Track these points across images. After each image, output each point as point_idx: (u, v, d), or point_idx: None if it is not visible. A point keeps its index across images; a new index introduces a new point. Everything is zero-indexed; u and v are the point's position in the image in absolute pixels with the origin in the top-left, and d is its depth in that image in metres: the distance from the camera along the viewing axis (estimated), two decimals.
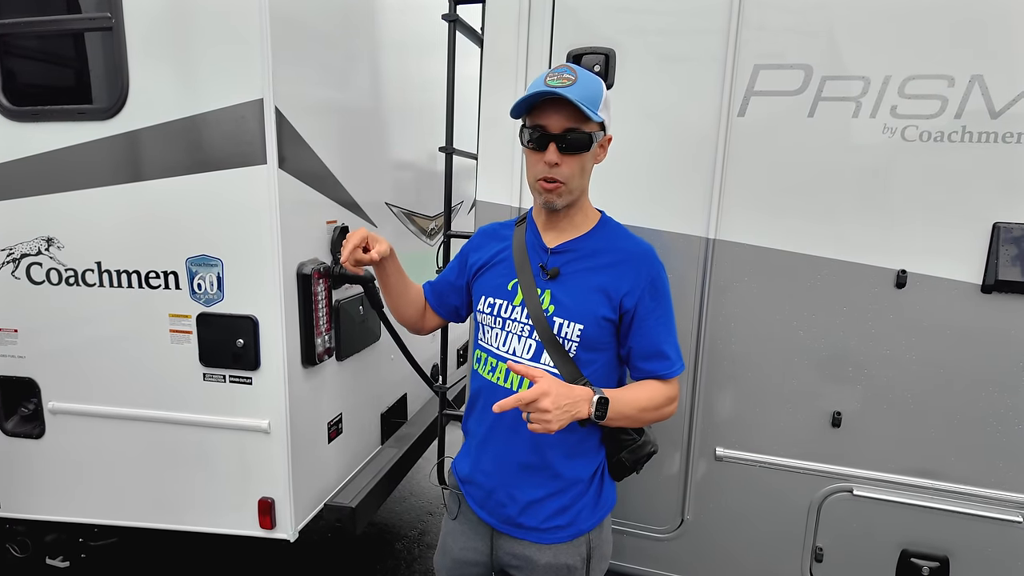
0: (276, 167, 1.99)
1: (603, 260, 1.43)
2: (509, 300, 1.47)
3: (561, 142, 1.34)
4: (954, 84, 1.65)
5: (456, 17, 2.30)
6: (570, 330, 1.40)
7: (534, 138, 1.36)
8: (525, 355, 1.45)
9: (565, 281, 1.43)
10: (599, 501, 1.53)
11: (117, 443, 2.27)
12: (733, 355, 1.90)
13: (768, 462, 1.91)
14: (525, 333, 1.44)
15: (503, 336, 1.48)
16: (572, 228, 1.48)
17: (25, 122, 2.11)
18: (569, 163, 1.35)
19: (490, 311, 1.50)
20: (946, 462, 1.79)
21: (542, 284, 1.44)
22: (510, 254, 1.51)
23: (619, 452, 1.52)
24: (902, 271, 1.74)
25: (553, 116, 1.33)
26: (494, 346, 1.50)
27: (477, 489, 1.55)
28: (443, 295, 1.70)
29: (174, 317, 2.13)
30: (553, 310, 1.41)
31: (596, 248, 1.45)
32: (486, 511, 1.54)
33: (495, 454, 1.51)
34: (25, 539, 2.58)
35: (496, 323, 1.49)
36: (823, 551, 1.91)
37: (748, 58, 1.77)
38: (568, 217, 1.47)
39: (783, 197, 1.80)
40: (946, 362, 1.75)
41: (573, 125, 1.33)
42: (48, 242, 2.17)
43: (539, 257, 1.47)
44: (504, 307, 1.48)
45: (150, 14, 1.98)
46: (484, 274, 1.56)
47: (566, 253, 1.46)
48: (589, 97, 1.31)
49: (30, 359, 2.27)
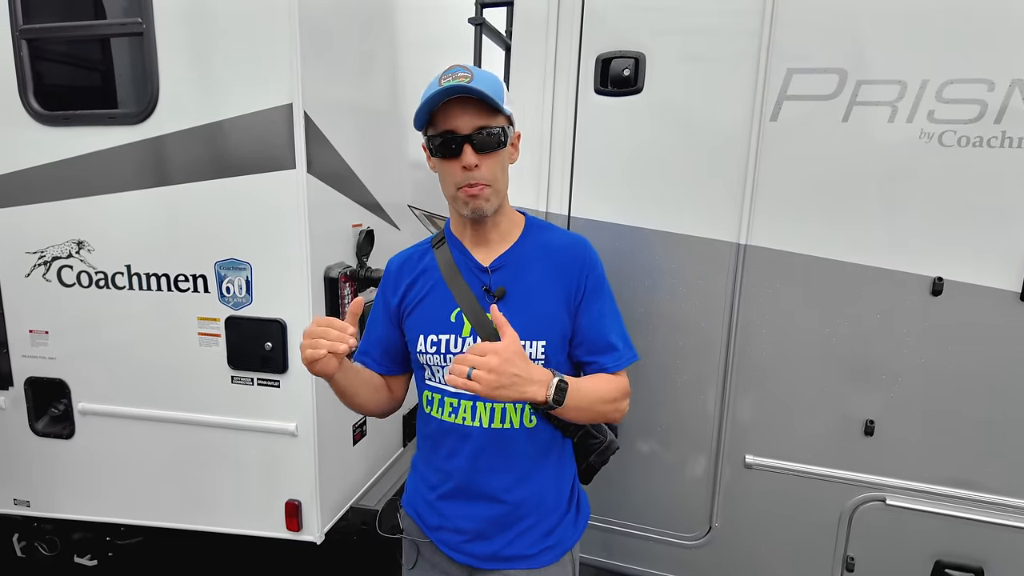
0: (305, 171, 1.99)
1: (544, 266, 1.35)
2: (456, 332, 1.34)
3: (474, 141, 1.24)
4: (994, 88, 1.62)
5: (483, 20, 2.30)
6: (533, 350, 1.30)
7: (443, 144, 1.25)
8: None
9: (513, 299, 1.32)
10: (578, 516, 1.49)
11: (145, 444, 2.29)
12: (763, 362, 1.88)
13: (799, 470, 1.89)
14: None
15: None
16: (501, 239, 1.37)
17: (56, 126, 2.13)
18: (488, 163, 1.26)
19: (436, 349, 1.34)
20: (982, 472, 1.76)
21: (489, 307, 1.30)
22: (440, 281, 1.36)
23: (588, 457, 1.48)
24: (938, 278, 1.71)
25: (461, 116, 1.23)
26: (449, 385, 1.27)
27: (454, 534, 1.42)
28: (391, 352, 1.47)
29: (203, 320, 2.14)
30: None
31: (532, 255, 1.36)
32: (463, 553, 1.42)
33: (476, 497, 1.38)
34: (54, 537, 2.61)
35: (446, 360, 1.34)
36: (854, 560, 1.89)
37: (781, 62, 1.75)
38: (496, 227, 1.36)
39: (816, 202, 1.78)
40: (983, 371, 1.72)
41: (483, 123, 1.24)
42: (79, 245, 2.19)
43: (477, 278, 1.35)
44: (453, 342, 1.34)
45: (180, 19, 1.99)
46: (415, 310, 1.39)
47: (504, 268, 1.35)
48: (492, 89, 1.22)
49: (61, 360, 2.30)
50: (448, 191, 1.31)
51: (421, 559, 1.50)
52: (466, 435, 1.35)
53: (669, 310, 1.93)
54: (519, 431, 1.35)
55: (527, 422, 1.36)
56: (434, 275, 1.38)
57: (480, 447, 1.35)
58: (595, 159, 1.94)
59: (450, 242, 1.41)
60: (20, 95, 2.11)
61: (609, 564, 2.13)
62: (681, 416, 1.98)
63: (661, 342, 1.96)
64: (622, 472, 2.04)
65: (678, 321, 1.92)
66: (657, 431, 2.01)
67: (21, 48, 2.09)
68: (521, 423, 1.35)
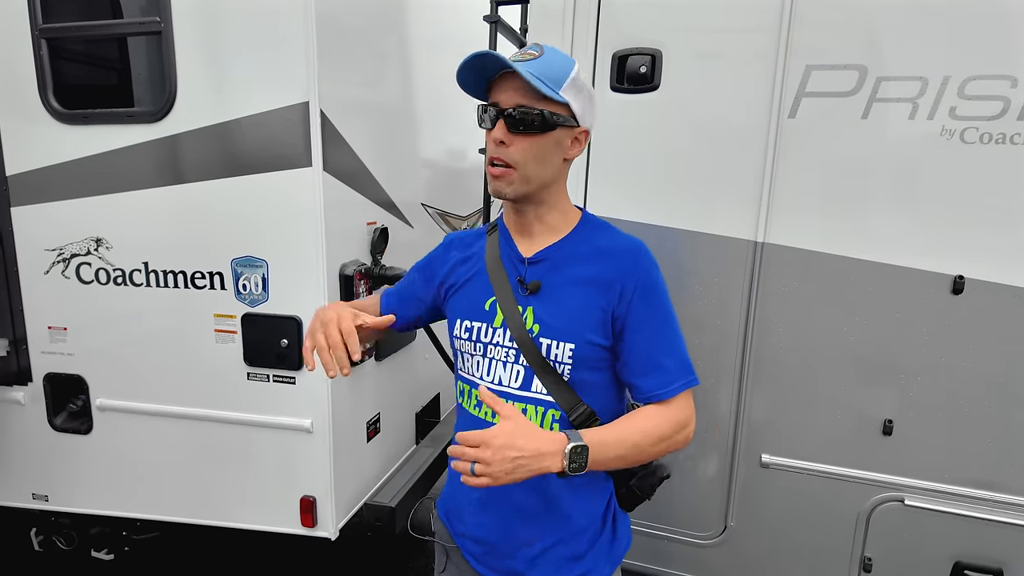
0: (321, 170, 2.00)
1: (586, 266, 1.24)
2: (488, 322, 1.28)
3: (509, 118, 1.17)
4: (1017, 84, 1.60)
5: (498, 19, 2.30)
6: (560, 351, 1.21)
7: (485, 115, 1.22)
8: (513, 383, 1.25)
9: (547, 295, 1.24)
10: (614, 542, 1.35)
11: (162, 440, 2.31)
12: (780, 361, 1.87)
13: (816, 470, 1.88)
14: (511, 358, 1.25)
15: (486, 364, 1.28)
16: (548, 232, 1.28)
17: (75, 125, 2.14)
18: (520, 145, 1.18)
19: (468, 336, 1.30)
20: (1002, 473, 1.75)
21: (523, 300, 1.25)
22: (483, 268, 1.32)
23: (628, 481, 1.34)
24: (959, 277, 1.69)
25: (507, 91, 1.18)
26: (477, 376, 1.30)
27: (475, 544, 1.36)
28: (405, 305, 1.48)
29: (219, 317, 2.16)
30: (538, 330, 1.22)
31: (577, 253, 1.26)
32: (485, 566, 1.35)
33: (491, 502, 1.30)
34: (71, 532, 2.64)
35: (477, 349, 1.29)
36: (872, 561, 1.87)
37: (800, 58, 1.74)
38: (540, 219, 1.28)
39: (835, 200, 1.77)
40: (1004, 370, 1.70)
41: (525, 103, 1.17)
42: (97, 242, 2.21)
43: (515, 269, 1.29)
44: (484, 330, 1.28)
45: (198, 18, 2.00)
46: (456, 293, 1.36)
47: (544, 262, 1.27)
48: (549, 74, 1.15)
49: (79, 357, 2.32)
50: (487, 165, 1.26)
51: (450, 564, 1.44)
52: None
53: (685, 308, 1.92)
54: None
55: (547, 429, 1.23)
56: (479, 261, 1.34)
57: None
58: (611, 156, 1.93)
59: (500, 230, 1.36)
60: (40, 94, 2.13)
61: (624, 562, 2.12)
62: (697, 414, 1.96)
63: None
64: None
65: (694, 319, 1.91)
66: None
67: (41, 47, 2.11)
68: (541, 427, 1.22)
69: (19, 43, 2.11)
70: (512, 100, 1.17)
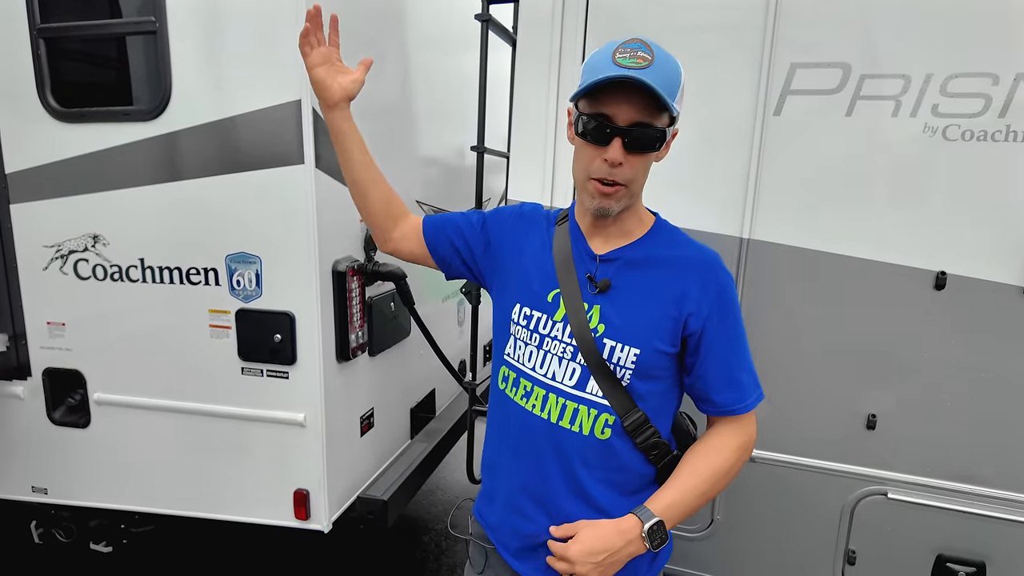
0: (313, 167, 2.03)
1: (662, 272, 1.20)
2: (550, 314, 1.23)
3: (628, 138, 1.08)
4: (998, 82, 1.62)
5: (489, 17, 2.31)
6: (624, 355, 1.17)
7: (594, 128, 1.10)
8: (567, 381, 1.21)
9: (617, 296, 1.20)
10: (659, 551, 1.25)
11: (158, 434, 2.34)
12: (765, 356, 1.88)
13: (800, 463, 1.90)
14: (568, 355, 1.21)
15: (540, 356, 1.24)
16: (622, 234, 1.24)
17: (72, 123, 2.18)
18: (633, 163, 1.12)
19: (527, 324, 1.25)
20: (984, 466, 1.77)
21: (590, 298, 1.20)
22: (550, 257, 1.27)
23: None
24: (941, 272, 1.71)
25: (622, 105, 1.07)
26: (528, 366, 1.26)
27: (515, 537, 1.30)
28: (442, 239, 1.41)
29: (214, 312, 2.19)
30: (603, 330, 1.18)
31: (652, 257, 1.22)
32: (529, 564, 1.28)
33: (537, 494, 1.25)
34: (70, 524, 2.68)
35: (532, 339, 1.25)
36: (856, 554, 1.89)
37: (785, 56, 1.76)
38: (619, 222, 1.23)
39: (819, 197, 1.79)
40: (985, 365, 1.72)
41: (644, 119, 1.08)
42: (94, 239, 2.24)
43: (585, 265, 1.23)
44: (543, 322, 1.24)
45: (192, 17, 2.03)
46: (516, 274, 1.30)
47: (616, 262, 1.22)
48: (668, 84, 1.06)
49: (77, 351, 2.35)
50: (579, 175, 1.18)
51: (489, 568, 1.38)
52: (534, 425, 1.23)
53: None
54: (588, 439, 1.20)
55: (599, 433, 1.20)
56: (547, 248, 1.28)
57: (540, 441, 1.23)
58: None
59: (571, 223, 1.29)
60: (38, 92, 2.16)
61: None
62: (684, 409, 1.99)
63: None
64: None
65: None
66: None
67: (39, 46, 2.14)
68: (592, 431, 1.20)
69: (18, 42, 2.15)
70: (630, 116, 1.08)
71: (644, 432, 1.19)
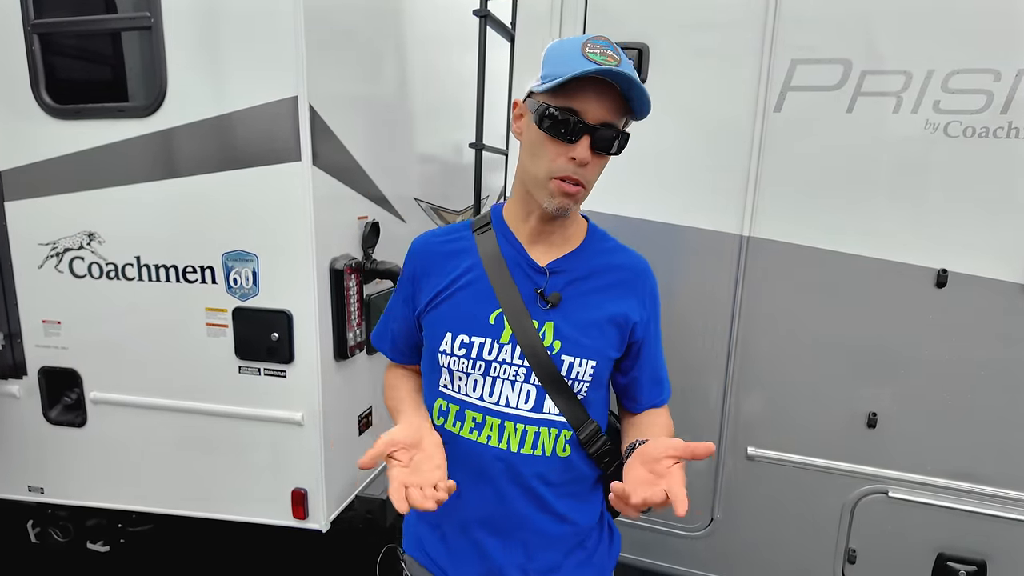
0: (310, 164, 2.01)
1: (605, 280, 1.19)
2: (494, 338, 1.14)
3: (595, 137, 1.03)
4: (1000, 78, 1.60)
5: (487, 12, 2.30)
6: (582, 369, 1.14)
7: (560, 123, 1.02)
8: (523, 405, 1.15)
9: (569, 309, 1.15)
10: (612, 540, 1.33)
11: (155, 433, 2.33)
12: (766, 354, 1.88)
13: (801, 462, 1.89)
14: (520, 377, 1.14)
15: (488, 383, 1.15)
16: (564, 241, 1.19)
17: (68, 120, 2.16)
18: (597, 165, 1.08)
19: (465, 352, 1.14)
20: (985, 465, 1.76)
21: (540, 315, 1.13)
22: (481, 276, 1.16)
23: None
24: (943, 270, 1.70)
25: (593, 102, 1.02)
26: (475, 396, 1.16)
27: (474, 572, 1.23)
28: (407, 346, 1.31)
29: (210, 311, 2.17)
30: (560, 347, 1.13)
31: (593, 265, 1.19)
32: None
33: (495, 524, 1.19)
34: (67, 524, 2.67)
35: (476, 368, 1.15)
36: (856, 552, 1.89)
37: (785, 52, 1.74)
38: (563, 228, 1.18)
39: (820, 194, 1.78)
40: (987, 363, 1.71)
41: (612, 119, 1.04)
42: (90, 237, 2.23)
43: (529, 279, 1.15)
44: (487, 347, 1.14)
45: (188, 13, 2.01)
46: (444, 302, 1.18)
47: (563, 273, 1.16)
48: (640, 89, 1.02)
49: (73, 350, 2.34)
50: (538, 173, 1.08)
51: None
52: (490, 457, 1.15)
53: (672, 302, 1.93)
54: (551, 459, 1.17)
55: (560, 451, 1.17)
56: (473, 267, 1.16)
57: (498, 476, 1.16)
58: None
59: (499, 231, 1.19)
60: (32, 89, 2.14)
61: None
62: (684, 407, 1.98)
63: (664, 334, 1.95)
64: None
65: (681, 312, 1.92)
66: None
67: (33, 42, 2.12)
68: (554, 451, 1.16)
69: (11, 38, 2.13)
70: (599, 115, 1.03)
71: (598, 442, 1.19)
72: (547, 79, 1.02)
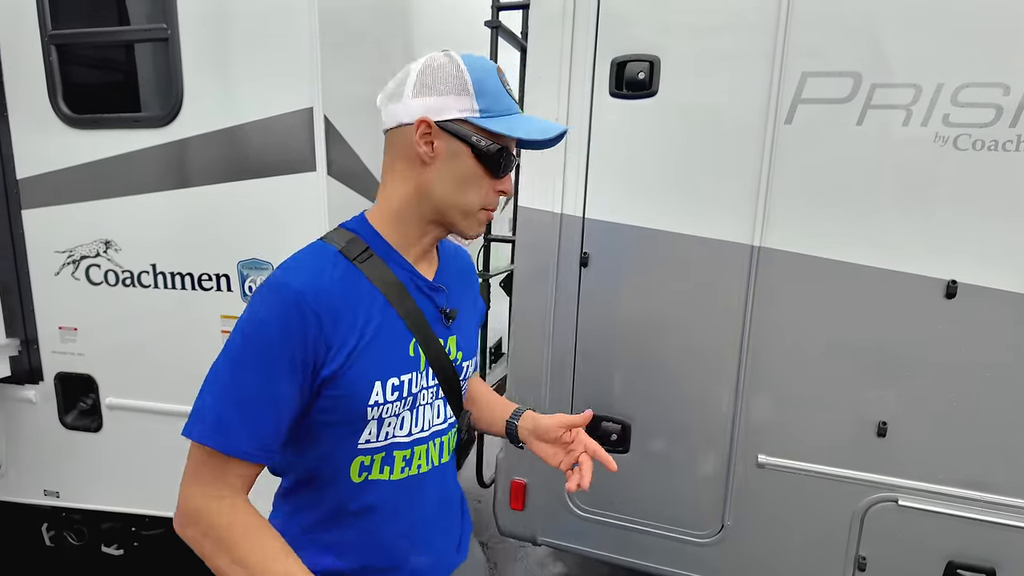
0: (325, 174, 2.04)
1: (462, 280, 1.24)
2: (416, 369, 1.08)
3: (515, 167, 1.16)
4: (1009, 92, 1.62)
5: (499, 23, 2.32)
6: (469, 368, 1.22)
7: (504, 161, 1.05)
8: (437, 420, 1.16)
9: (460, 319, 1.18)
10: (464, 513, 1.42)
11: (169, 438, 2.33)
12: (777, 363, 1.90)
13: (811, 470, 1.91)
14: (433, 395, 1.14)
15: (414, 416, 1.10)
16: (435, 255, 1.19)
17: (85, 129, 2.19)
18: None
19: (398, 395, 1.05)
20: (995, 474, 1.77)
21: (444, 332, 1.13)
22: (385, 308, 1.04)
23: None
24: (952, 281, 1.72)
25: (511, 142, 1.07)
26: (403, 434, 1.09)
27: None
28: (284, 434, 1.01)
29: (226, 318, 2.20)
30: (460, 356, 1.17)
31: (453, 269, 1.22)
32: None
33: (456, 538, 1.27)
34: (82, 527, 2.69)
35: (405, 405, 1.08)
36: (866, 560, 1.90)
37: (796, 64, 1.76)
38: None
39: (830, 206, 1.79)
40: (997, 374, 1.72)
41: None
42: (106, 245, 2.26)
43: (428, 299, 1.12)
44: (415, 380, 1.09)
45: (204, 25, 2.04)
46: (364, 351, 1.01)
47: (451, 286, 1.19)
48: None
49: (89, 356, 2.36)
50: (469, 204, 1.06)
51: None
52: (421, 484, 1.14)
53: (684, 311, 1.96)
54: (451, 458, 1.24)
55: (451, 448, 1.23)
56: (374, 301, 1.03)
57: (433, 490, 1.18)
58: (610, 161, 1.96)
59: (385, 256, 1.07)
60: (50, 99, 2.17)
61: (622, 560, 2.16)
62: (695, 415, 2.00)
63: (676, 343, 1.98)
64: (636, 470, 2.07)
65: (693, 322, 1.94)
66: (671, 430, 2.04)
67: (50, 53, 2.15)
68: (452, 450, 1.24)
69: (29, 48, 2.16)
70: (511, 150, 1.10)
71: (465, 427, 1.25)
72: (490, 115, 1.01)
